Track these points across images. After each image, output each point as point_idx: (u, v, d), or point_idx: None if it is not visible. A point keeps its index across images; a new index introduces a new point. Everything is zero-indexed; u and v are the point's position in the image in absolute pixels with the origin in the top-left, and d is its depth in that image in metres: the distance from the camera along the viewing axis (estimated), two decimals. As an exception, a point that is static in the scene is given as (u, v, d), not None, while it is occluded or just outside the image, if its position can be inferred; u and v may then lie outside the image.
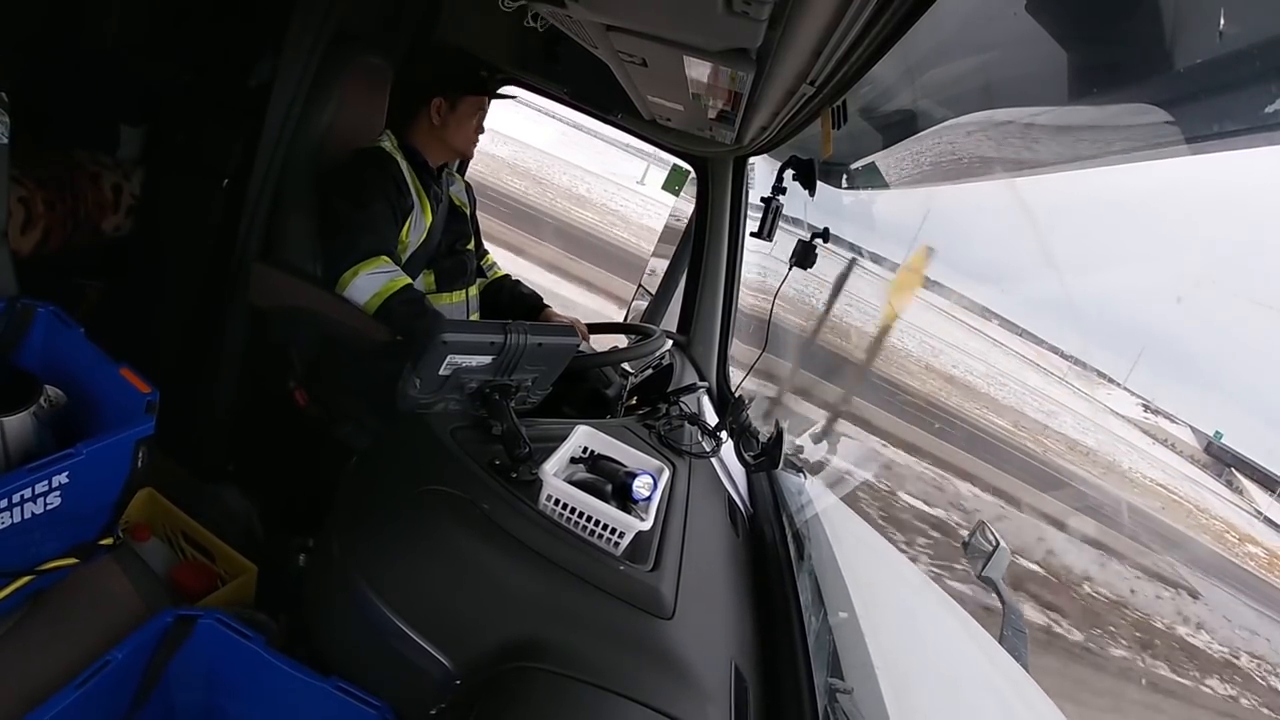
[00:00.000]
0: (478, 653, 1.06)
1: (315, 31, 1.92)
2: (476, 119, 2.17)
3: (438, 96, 2.11)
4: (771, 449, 1.79)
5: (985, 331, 17.05)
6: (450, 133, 2.14)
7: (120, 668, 1.09)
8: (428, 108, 2.11)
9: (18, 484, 1.07)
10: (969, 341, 17.27)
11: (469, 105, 2.14)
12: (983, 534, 1.69)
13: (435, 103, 2.11)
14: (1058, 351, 15.16)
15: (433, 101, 2.11)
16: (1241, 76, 0.71)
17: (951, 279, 5.71)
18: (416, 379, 1.26)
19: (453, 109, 2.12)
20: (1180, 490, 15.37)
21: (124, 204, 2.17)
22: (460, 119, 2.14)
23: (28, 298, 1.35)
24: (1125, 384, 16.09)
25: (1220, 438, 14.04)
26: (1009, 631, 1.60)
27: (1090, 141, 1.08)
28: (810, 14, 0.89)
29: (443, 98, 2.11)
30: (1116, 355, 13.43)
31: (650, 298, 3.28)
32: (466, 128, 2.16)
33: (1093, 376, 16.84)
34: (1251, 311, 12.51)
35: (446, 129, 2.13)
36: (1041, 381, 18.14)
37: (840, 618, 1.54)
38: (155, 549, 1.62)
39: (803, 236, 2.27)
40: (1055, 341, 14.08)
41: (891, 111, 1.65)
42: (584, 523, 1.22)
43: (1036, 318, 12.14)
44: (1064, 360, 16.14)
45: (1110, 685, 5.87)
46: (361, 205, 1.94)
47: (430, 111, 2.11)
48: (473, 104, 2.14)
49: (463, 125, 2.15)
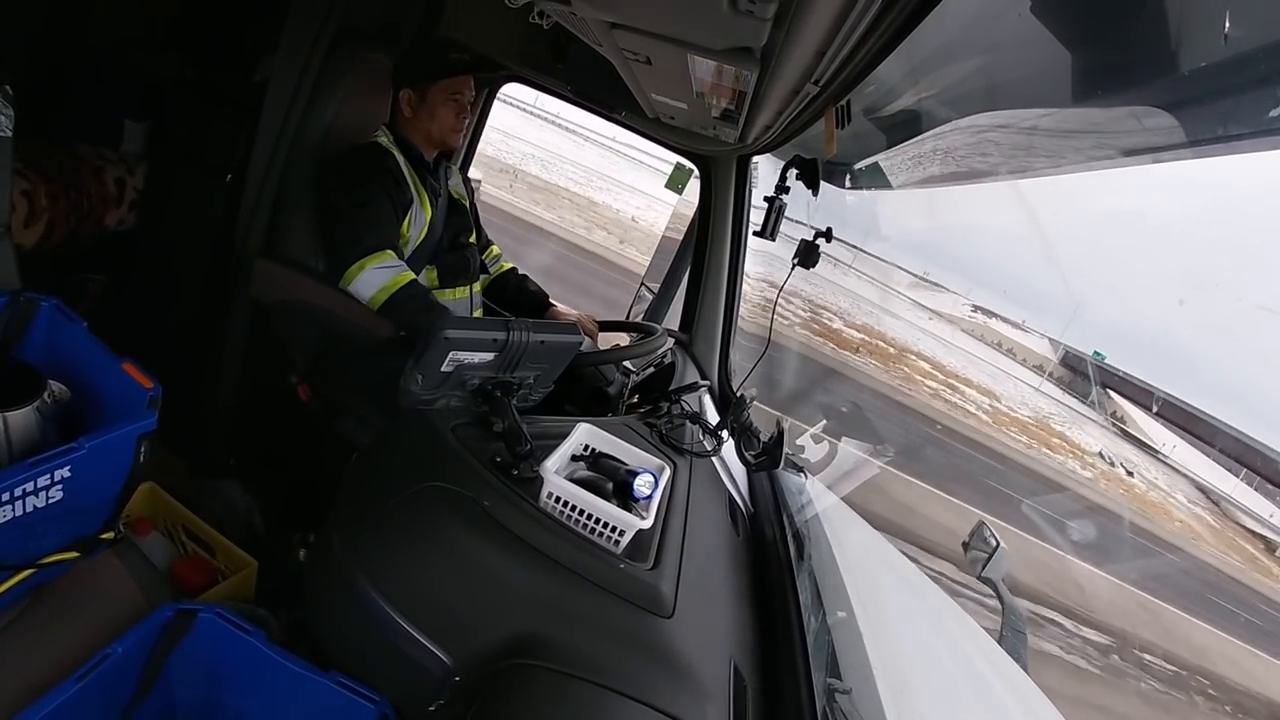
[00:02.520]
0: (477, 649, 1.06)
1: (318, 27, 1.93)
2: (451, 106, 2.10)
3: (404, 89, 2.07)
4: (772, 448, 1.79)
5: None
6: (425, 123, 2.08)
7: (121, 661, 1.10)
8: (400, 101, 2.07)
9: (20, 478, 1.07)
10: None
11: (439, 92, 2.07)
12: (982, 534, 1.69)
13: (403, 94, 2.07)
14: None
15: (400, 94, 2.07)
16: (1246, 80, 0.71)
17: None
18: (418, 375, 1.26)
19: (422, 99, 2.06)
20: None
21: (127, 198, 2.18)
22: (432, 108, 2.07)
23: (31, 292, 1.35)
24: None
25: (1101, 358, 14.30)
26: (1008, 632, 1.60)
27: (1094, 144, 1.08)
28: (815, 13, 0.89)
29: (409, 88, 2.06)
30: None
31: (652, 296, 3.28)
32: (441, 116, 2.09)
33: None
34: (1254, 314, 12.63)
35: (420, 120, 2.08)
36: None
37: (839, 617, 1.54)
38: (156, 543, 1.63)
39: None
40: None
41: (895, 112, 1.65)
42: (585, 520, 1.22)
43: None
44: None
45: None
46: (362, 201, 1.93)
47: (401, 105, 2.08)
48: (443, 90, 2.07)
49: (436, 114, 2.08)
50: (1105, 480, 14.91)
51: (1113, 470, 15.87)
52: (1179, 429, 18.28)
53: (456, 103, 2.10)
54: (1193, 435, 18.13)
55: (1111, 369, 15.82)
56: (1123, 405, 18.26)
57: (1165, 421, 18.27)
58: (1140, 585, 8.96)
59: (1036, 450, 15.12)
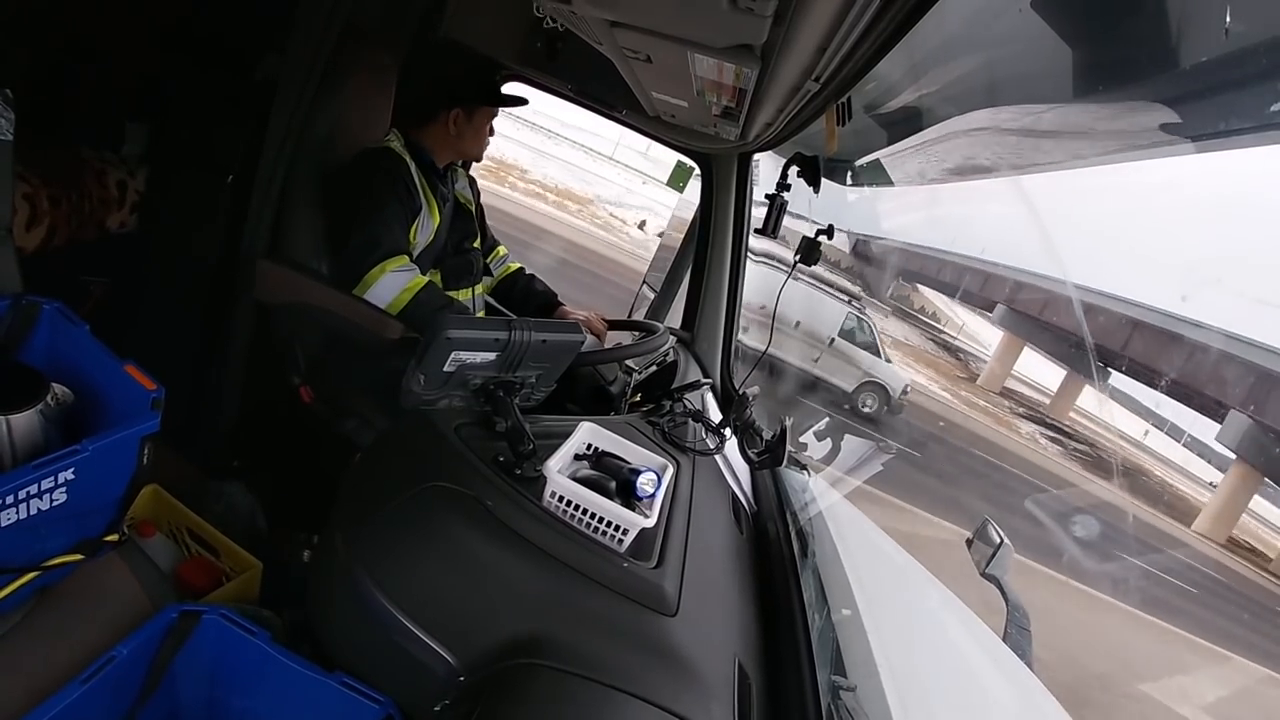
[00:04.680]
0: (482, 649, 1.06)
1: (321, 27, 1.92)
2: (489, 127, 2.21)
3: (456, 108, 2.12)
4: (775, 446, 1.79)
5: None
6: (466, 142, 2.17)
7: (125, 663, 1.10)
8: (445, 115, 2.12)
9: (24, 481, 1.07)
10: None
11: (484, 115, 2.17)
12: (987, 531, 1.69)
13: (453, 114, 2.12)
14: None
15: (451, 113, 2.12)
16: (1247, 74, 0.71)
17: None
18: (421, 375, 1.26)
19: (469, 120, 2.14)
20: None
21: (129, 200, 2.17)
22: (476, 129, 2.17)
23: (33, 295, 1.35)
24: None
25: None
26: (1013, 629, 1.60)
27: (1095, 139, 1.08)
28: (815, 10, 0.89)
29: (460, 109, 2.12)
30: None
31: (655, 294, 3.28)
32: (481, 136, 2.19)
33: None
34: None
35: (463, 139, 2.16)
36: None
37: (843, 614, 1.54)
38: (160, 545, 1.62)
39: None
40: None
41: (896, 108, 1.65)
42: (588, 519, 1.22)
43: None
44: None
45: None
46: (378, 206, 1.95)
47: (448, 121, 2.13)
48: (488, 114, 2.18)
49: (479, 134, 2.18)
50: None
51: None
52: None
53: (492, 124, 2.22)
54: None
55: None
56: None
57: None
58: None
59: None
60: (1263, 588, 12.94)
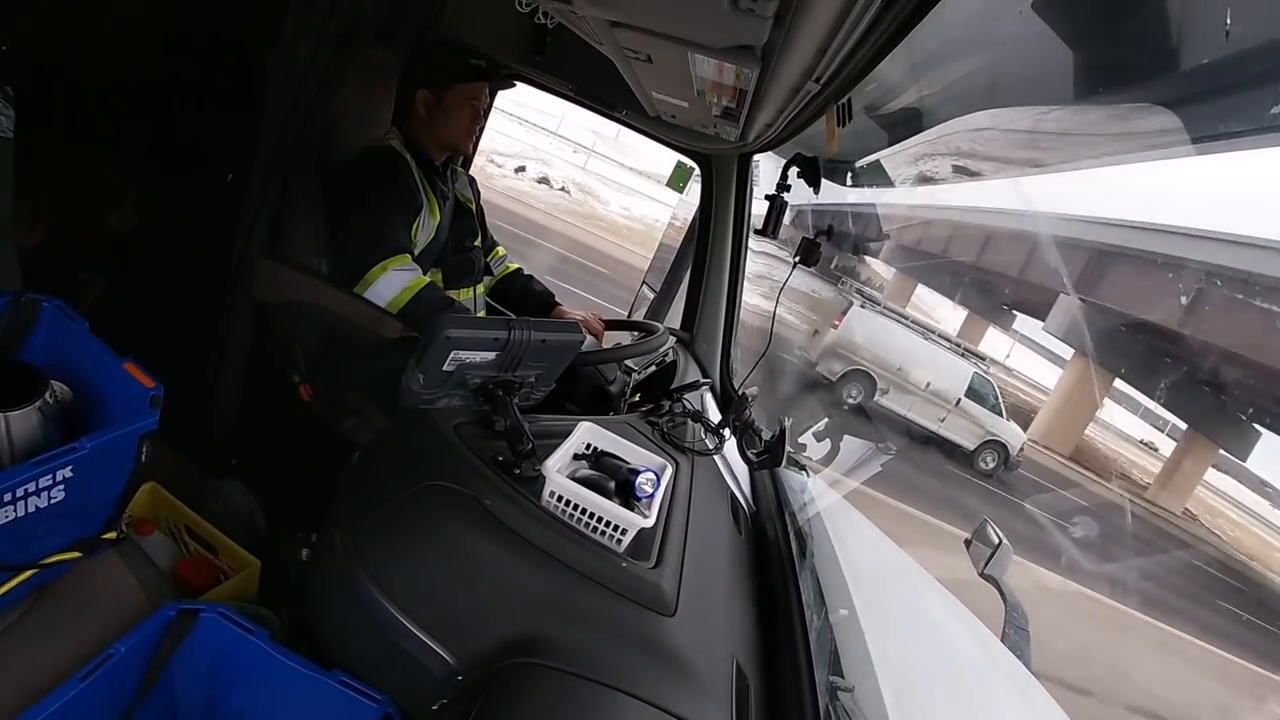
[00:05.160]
0: (480, 648, 1.06)
1: (320, 25, 1.92)
2: (468, 111, 2.12)
3: (422, 89, 2.07)
4: (774, 446, 1.79)
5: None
6: (440, 126, 2.10)
7: (123, 661, 1.10)
8: (416, 101, 2.08)
9: (22, 478, 1.07)
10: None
11: (456, 96, 2.08)
12: (985, 531, 1.69)
13: (420, 95, 2.07)
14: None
15: (418, 94, 2.08)
16: (1248, 76, 0.71)
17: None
18: (420, 374, 1.26)
19: (439, 101, 2.08)
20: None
21: (128, 198, 2.17)
22: (448, 111, 2.09)
23: (32, 292, 1.34)
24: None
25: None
26: (1011, 630, 1.60)
27: (1095, 141, 1.08)
28: (816, 11, 0.89)
29: (427, 90, 2.07)
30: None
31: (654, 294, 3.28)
32: (456, 120, 2.11)
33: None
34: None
35: (435, 123, 2.09)
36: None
37: (841, 615, 1.54)
38: (159, 543, 1.62)
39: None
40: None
41: (897, 109, 1.65)
42: (587, 519, 1.22)
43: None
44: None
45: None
46: (379, 204, 1.94)
47: (417, 105, 2.08)
48: (460, 94, 2.09)
49: (451, 118, 2.10)
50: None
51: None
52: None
53: (472, 108, 2.12)
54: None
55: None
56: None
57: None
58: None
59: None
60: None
